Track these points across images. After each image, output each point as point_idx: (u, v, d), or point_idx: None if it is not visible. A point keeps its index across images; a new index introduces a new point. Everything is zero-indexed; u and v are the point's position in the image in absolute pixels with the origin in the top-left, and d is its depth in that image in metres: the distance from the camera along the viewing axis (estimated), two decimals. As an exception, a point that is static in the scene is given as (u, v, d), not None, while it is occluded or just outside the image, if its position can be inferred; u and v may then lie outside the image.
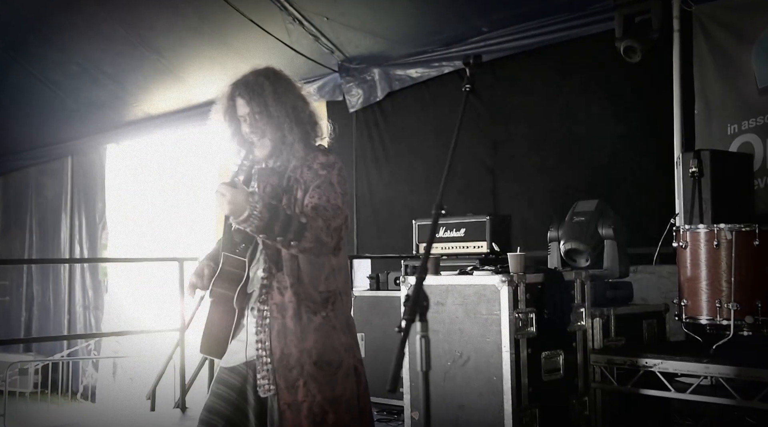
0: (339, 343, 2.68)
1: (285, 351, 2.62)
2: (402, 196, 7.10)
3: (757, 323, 3.86)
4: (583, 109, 6.02)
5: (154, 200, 10.25)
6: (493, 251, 5.09)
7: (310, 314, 2.64)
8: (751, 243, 3.90)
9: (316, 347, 2.63)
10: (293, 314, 2.63)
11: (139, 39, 7.83)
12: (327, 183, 2.65)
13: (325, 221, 2.57)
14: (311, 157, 2.70)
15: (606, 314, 4.39)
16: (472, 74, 2.63)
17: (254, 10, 6.82)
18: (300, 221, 2.51)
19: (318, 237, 2.54)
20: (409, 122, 7.22)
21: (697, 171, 4.50)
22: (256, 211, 2.45)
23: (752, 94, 5.11)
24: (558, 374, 4.16)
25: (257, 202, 2.46)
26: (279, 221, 2.48)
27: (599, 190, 5.41)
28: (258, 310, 2.68)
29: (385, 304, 5.51)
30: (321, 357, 2.64)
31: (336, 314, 2.70)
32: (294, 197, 2.66)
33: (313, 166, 2.68)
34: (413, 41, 6.84)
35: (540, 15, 5.99)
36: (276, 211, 2.50)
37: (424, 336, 2.37)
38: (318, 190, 2.64)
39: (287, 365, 2.62)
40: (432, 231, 2.47)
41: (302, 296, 2.64)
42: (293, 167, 2.69)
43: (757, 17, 5.07)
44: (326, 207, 2.60)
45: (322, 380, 2.63)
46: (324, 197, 2.62)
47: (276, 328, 2.63)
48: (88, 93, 9.11)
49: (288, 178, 2.68)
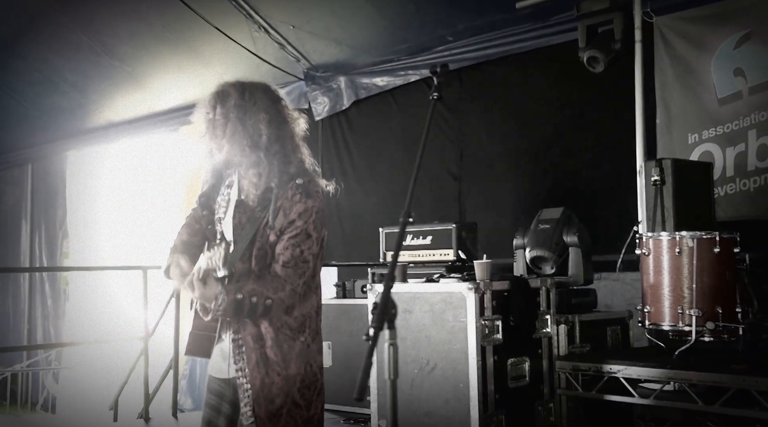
0: (316, 365, 2.70)
1: (266, 381, 2.60)
2: (368, 205, 7.11)
3: (718, 328, 3.92)
4: (547, 118, 6.09)
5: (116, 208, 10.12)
6: (460, 258, 5.11)
7: (290, 341, 2.64)
8: (712, 250, 3.97)
9: (300, 373, 2.64)
10: (272, 343, 2.62)
11: (102, 46, 7.75)
12: (303, 234, 2.60)
13: (293, 285, 2.58)
14: (289, 199, 2.61)
15: (571, 321, 4.43)
16: (439, 83, 2.64)
17: (220, 17, 6.79)
18: (266, 305, 2.55)
19: (284, 303, 2.58)
20: (375, 130, 7.23)
21: (659, 179, 4.57)
22: (220, 312, 2.52)
23: (712, 104, 5.20)
24: (524, 380, 4.19)
25: (221, 304, 2.51)
26: (244, 313, 2.55)
27: (564, 198, 5.47)
28: (233, 340, 2.67)
29: (352, 312, 5.50)
30: (303, 383, 2.64)
31: (312, 334, 2.70)
32: (267, 239, 2.63)
33: (290, 214, 2.60)
34: (379, 50, 6.87)
35: (504, 25, 6.05)
36: (241, 305, 2.53)
37: (393, 344, 2.37)
38: (291, 242, 2.59)
39: (269, 394, 2.60)
40: (399, 238, 2.47)
41: (278, 325, 2.63)
42: (270, 206, 2.63)
43: (716, 29, 5.17)
44: (296, 264, 2.59)
45: (302, 405, 2.64)
46: (297, 250, 2.59)
47: (254, 359, 2.61)
48: (50, 100, 8.99)
49: (264, 218, 2.64)
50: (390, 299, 2.34)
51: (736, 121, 5.10)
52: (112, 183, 10.21)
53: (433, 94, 2.62)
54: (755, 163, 5.03)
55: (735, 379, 3.64)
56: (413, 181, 2.49)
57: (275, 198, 2.63)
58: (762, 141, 5.00)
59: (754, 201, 5.02)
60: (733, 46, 5.12)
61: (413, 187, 2.46)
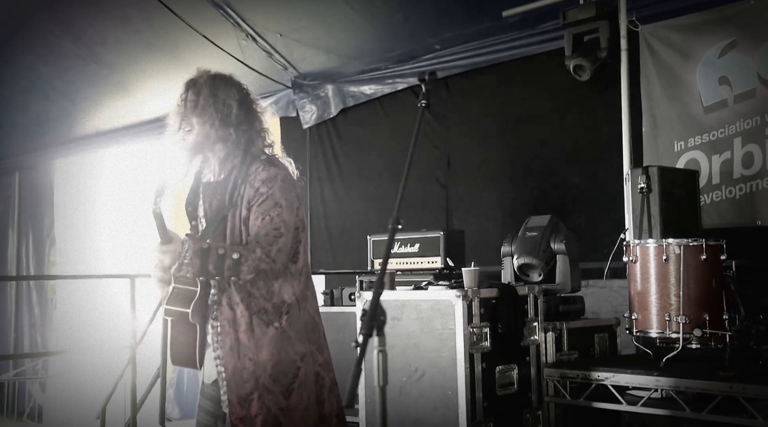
0: (294, 352, 2.68)
1: (238, 366, 2.61)
2: (356, 212, 7.11)
3: (705, 335, 3.94)
4: (534, 126, 6.12)
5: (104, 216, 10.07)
6: (447, 266, 5.12)
7: (263, 327, 2.64)
8: (698, 257, 3.98)
9: (272, 359, 2.63)
10: (246, 328, 2.62)
11: (90, 54, 7.73)
12: (269, 201, 2.64)
13: (264, 248, 2.57)
14: (253, 171, 2.68)
15: (559, 328, 4.44)
16: (427, 90, 2.66)
17: (207, 26, 6.79)
18: (233, 258, 2.53)
19: (257, 267, 2.56)
20: (363, 138, 7.24)
21: (646, 187, 4.60)
22: (186, 260, 2.52)
23: (698, 112, 5.24)
24: (512, 388, 4.19)
25: (187, 251, 2.52)
26: (211, 263, 2.53)
27: (551, 205, 5.50)
28: (212, 326, 2.67)
29: (339, 320, 5.48)
30: (276, 368, 2.63)
31: (291, 323, 2.69)
32: (239, 215, 2.65)
33: (255, 183, 2.66)
34: (366, 58, 6.88)
35: (491, 33, 6.08)
36: (206, 254, 2.52)
37: (382, 351, 2.38)
38: (259, 210, 2.62)
39: (240, 379, 2.61)
40: (388, 245, 2.48)
41: (254, 309, 2.63)
42: (235, 182, 2.67)
43: (701, 38, 5.22)
44: (267, 232, 2.60)
45: (277, 392, 2.62)
46: (267, 218, 2.61)
47: (228, 343, 2.62)
48: (37, 108, 8.96)
49: (231, 195, 2.66)
50: (379, 305, 2.35)
51: (721, 129, 5.14)
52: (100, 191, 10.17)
53: (422, 102, 2.64)
54: (741, 171, 5.06)
55: (722, 386, 3.65)
56: (402, 187, 2.50)
57: (240, 175, 2.66)
58: (747, 149, 5.04)
59: (740, 208, 5.05)
60: (717, 55, 5.17)
61: (402, 194, 2.47)
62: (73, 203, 10.39)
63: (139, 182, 9.32)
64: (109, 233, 9.94)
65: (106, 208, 10.07)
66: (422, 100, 2.64)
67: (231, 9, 6.59)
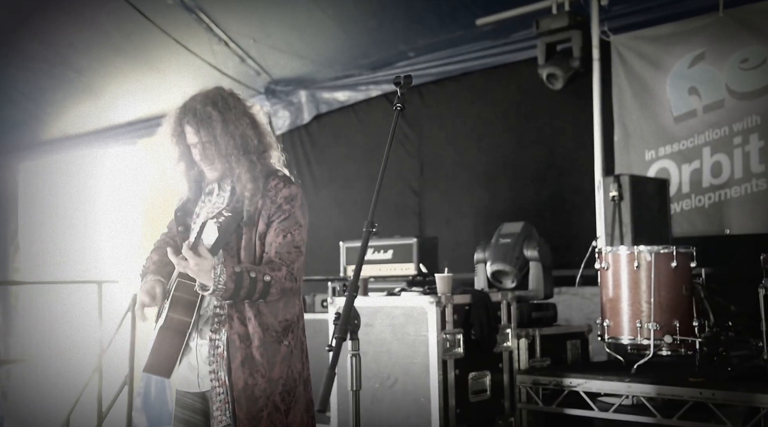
0: (297, 371, 2.68)
1: (249, 382, 2.57)
2: (328, 219, 7.07)
3: (676, 342, 3.97)
4: (507, 134, 6.14)
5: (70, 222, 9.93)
6: (421, 272, 5.11)
7: (276, 344, 2.63)
8: (669, 265, 4.02)
9: (282, 377, 2.62)
10: (259, 344, 2.59)
11: (57, 57, 7.61)
12: (291, 219, 2.65)
13: (288, 266, 2.60)
14: (272, 187, 2.66)
15: (531, 335, 4.44)
16: (402, 94, 2.66)
17: (179, 30, 6.73)
18: (264, 281, 2.53)
19: (283, 287, 2.59)
20: (336, 145, 7.22)
21: (618, 195, 4.64)
22: (221, 284, 2.47)
23: (668, 121, 5.30)
24: (485, 394, 4.18)
25: (220, 275, 2.47)
26: (244, 288, 2.51)
27: (524, 212, 5.51)
28: (210, 339, 2.62)
29: (311, 326, 5.41)
30: (284, 387, 2.62)
31: (295, 341, 2.70)
32: (255, 229, 2.62)
33: (277, 199, 2.65)
34: (340, 65, 6.87)
35: (465, 42, 6.10)
36: (240, 279, 2.50)
37: (355, 355, 2.36)
38: (281, 227, 2.63)
39: (252, 395, 2.57)
40: (363, 248, 2.46)
41: (265, 327, 2.61)
42: (251, 198, 2.64)
43: (672, 49, 5.28)
44: (289, 250, 2.62)
45: (282, 410, 2.61)
46: (288, 236, 2.63)
47: (239, 358, 2.57)
48: (1, 111, 8.80)
49: (247, 212, 2.63)
50: (353, 308, 2.33)
51: (691, 139, 5.20)
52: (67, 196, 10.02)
53: (397, 105, 2.64)
54: (710, 180, 5.13)
55: (692, 392, 3.68)
56: (376, 192, 2.49)
57: (257, 188, 2.65)
58: (716, 158, 5.10)
59: (709, 217, 5.11)
60: (687, 66, 5.24)
61: (377, 198, 2.46)
62: (39, 209, 10.23)
63: (108, 187, 9.22)
64: (77, 238, 9.79)
65: (73, 213, 9.92)
66: (397, 104, 2.64)
67: (204, 13, 6.53)
